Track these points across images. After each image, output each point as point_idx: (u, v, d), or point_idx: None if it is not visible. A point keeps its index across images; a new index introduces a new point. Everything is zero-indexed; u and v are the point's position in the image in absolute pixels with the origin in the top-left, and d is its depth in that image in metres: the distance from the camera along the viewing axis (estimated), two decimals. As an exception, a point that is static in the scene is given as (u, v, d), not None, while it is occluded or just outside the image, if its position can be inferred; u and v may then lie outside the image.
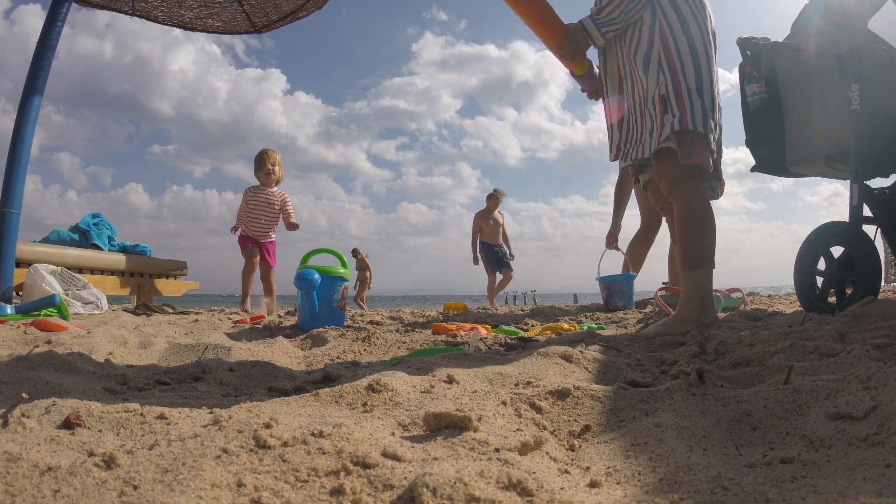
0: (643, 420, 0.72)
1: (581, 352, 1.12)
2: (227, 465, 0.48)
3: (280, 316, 3.25)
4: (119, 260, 4.25)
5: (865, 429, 0.59)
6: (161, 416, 0.62)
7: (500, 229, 7.10)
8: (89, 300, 3.31)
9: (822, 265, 2.07)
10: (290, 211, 4.28)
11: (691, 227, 1.75)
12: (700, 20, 1.79)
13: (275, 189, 4.27)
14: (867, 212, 1.99)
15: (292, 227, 4.30)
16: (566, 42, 1.87)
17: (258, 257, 4.29)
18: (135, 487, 0.44)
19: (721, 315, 2.46)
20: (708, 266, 1.73)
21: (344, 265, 2.53)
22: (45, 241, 4.05)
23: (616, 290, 3.54)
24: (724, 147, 1.90)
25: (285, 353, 1.63)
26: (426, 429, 0.61)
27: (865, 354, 0.93)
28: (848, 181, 2.00)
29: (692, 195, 1.76)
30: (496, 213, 7.14)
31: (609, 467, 0.60)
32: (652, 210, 3.69)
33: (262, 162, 4.24)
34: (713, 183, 1.90)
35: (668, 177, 1.78)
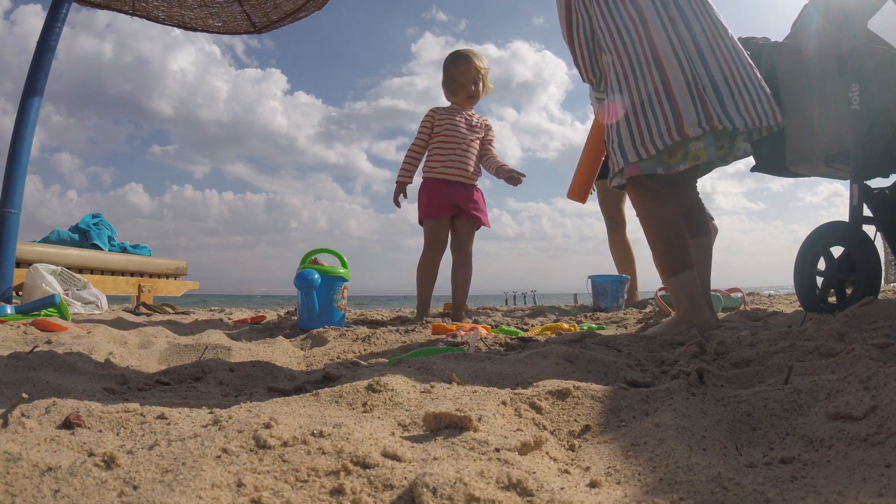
0: (643, 420, 0.72)
1: (581, 352, 1.12)
2: (227, 465, 0.48)
3: (280, 316, 3.25)
4: (119, 260, 4.25)
5: (865, 429, 0.59)
6: (161, 416, 0.62)
7: None
8: (89, 300, 3.31)
9: (822, 265, 2.07)
10: (494, 148, 2.83)
11: (654, 239, 1.77)
12: (618, 23, 1.75)
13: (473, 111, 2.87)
14: (867, 212, 1.99)
15: (503, 171, 2.71)
16: None
17: (450, 228, 2.74)
18: (135, 487, 0.44)
19: (721, 315, 2.47)
20: (683, 268, 1.72)
21: (344, 265, 2.53)
22: (45, 241, 4.05)
23: (600, 291, 3.53)
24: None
25: (285, 353, 1.63)
26: (426, 429, 0.61)
27: (865, 354, 0.93)
28: (848, 181, 2.01)
29: (646, 209, 1.78)
30: None
31: (609, 467, 0.60)
32: (610, 209, 3.82)
33: (458, 80, 2.76)
34: (713, 144, 1.73)
35: (630, 197, 1.84)
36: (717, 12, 1.79)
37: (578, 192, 2.14)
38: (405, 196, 2.80)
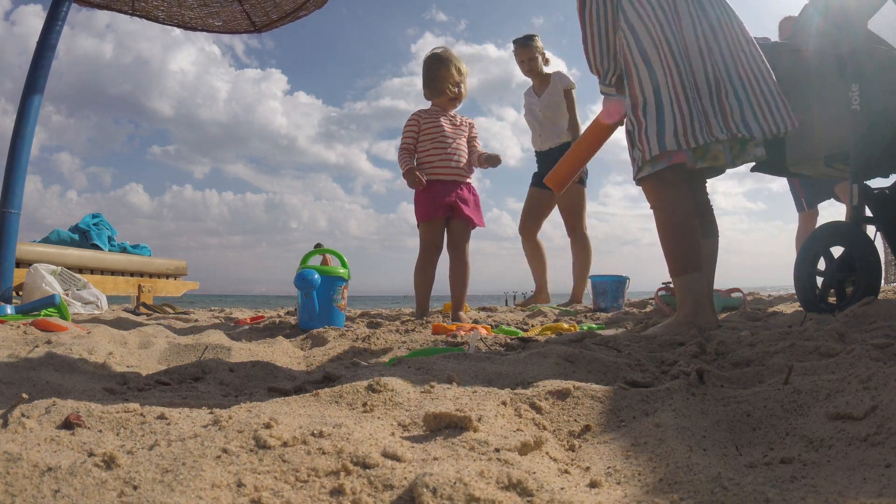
0: (643, 420, 0.72)
1: (581, 352, 1.12)
2: (227, 466, 0.48)
3: (280, 316, 3.25)
4: (119, 260, 4.25)
5: (865, 429, 0.59)
6: (161, 416, 0.62)
7: None
8: (89, 300, 3.32)
9: (822, 265, 2.07)
10: (479, 144, 2.88)
11: (667, 234, 1.75)
12: (660, 15, 1.70)
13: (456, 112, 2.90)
14: (867, 212, 1.99)
15: (482, 158, 2.78)
16: (616, 124, 1.97)
17: (445, 232, 2.79)
18: (135, 487, 0.44)
19: (721, 315, 2.47)
20: (693, 269, 1.71)
21: (344, 265, 2.53)
22: (45, 241, 4.05)
23: (600, 291, 3.54)
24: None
25: (285, 353, 1.63)
26: (426, 429, 0.61)
27: (865, 354, 0.93)
28: (847, 181, 2.01)
29: (664, 202, 1.75)
30: None
31: (609, 467, 0.60)
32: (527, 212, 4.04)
33: (441, 79, 2.78)
34: (736, 152, 1.75)
35: (646, 189, 1.80)
36: (733, 10, 1.79)
37: (559, 182, 2.17)
38: (422, 174, 2.76)
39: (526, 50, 3.90)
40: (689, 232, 1.73)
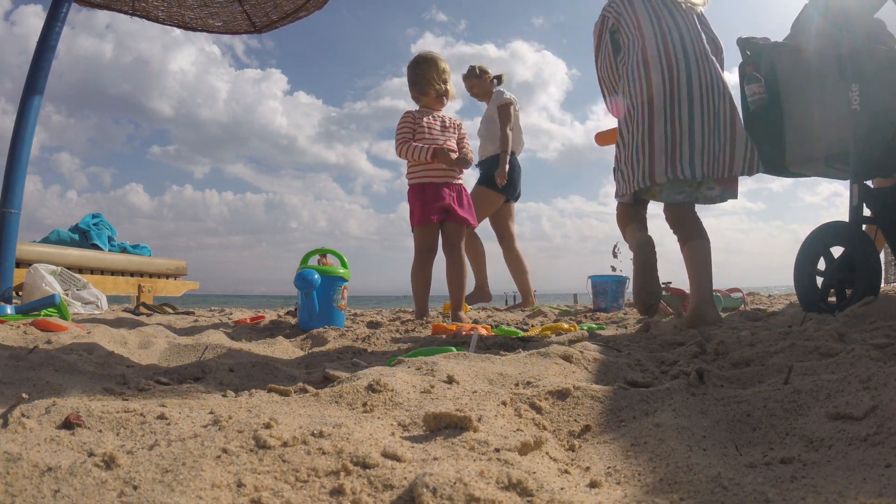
0: (643, 420, 0.72)
1: (581, 352, 1.12)
2: (227, 466, 0.48)
3: (280, 316, 3.25)
4: (119, 260, 4.25)
5: (865, 429, 0.59)
6: (161, 416, 0.62)
7: None
8: (89, 300, 3.32)
9: (822, 265, 2.07)
10: (468, 144, 2.92)
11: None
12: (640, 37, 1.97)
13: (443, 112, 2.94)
14: (867, 212, 1.99)
15: (456, 162, 2.76)
16: None
17: (440, 233, 2.83)
18: (135, 487, 0.44)
19: (721, 315, 2.46)
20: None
21: (344, 265, 2.53)
22: (45, 241, 4.05)
23: (600, 291, 3.55)
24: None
25: (285, 353, 1.63)
26: (426, 429, 0.61)
27: (865, 354, 0.93)
28: (848, 181, 2.00)
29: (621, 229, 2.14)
30: None
31: (609, 467, 0.60)
32: (499, 227, 4.17)
33: (426, 80, 2.83)
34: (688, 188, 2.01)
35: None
36: (712, 58, 2.01)
37: (600, 140, 2.59)
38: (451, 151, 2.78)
39: (467, 80, 4.32)
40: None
